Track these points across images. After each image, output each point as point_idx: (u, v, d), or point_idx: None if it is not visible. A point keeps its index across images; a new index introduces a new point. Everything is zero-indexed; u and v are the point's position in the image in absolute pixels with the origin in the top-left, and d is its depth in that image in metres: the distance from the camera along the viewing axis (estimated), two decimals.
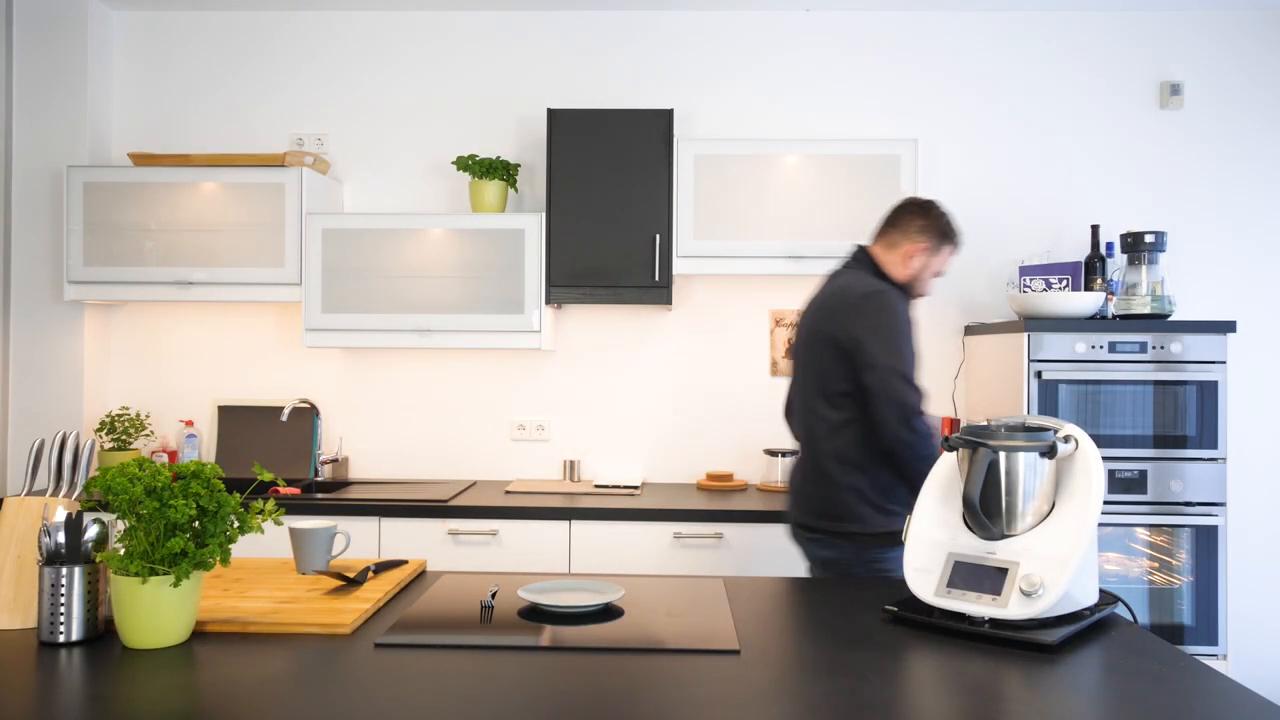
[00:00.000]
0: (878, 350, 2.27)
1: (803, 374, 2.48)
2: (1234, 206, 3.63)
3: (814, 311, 2.46)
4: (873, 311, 2.31)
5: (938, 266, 2.51)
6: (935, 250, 2.48)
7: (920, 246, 2.46)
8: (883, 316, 2.30)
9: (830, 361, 2.36)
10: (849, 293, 2.38)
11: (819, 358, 2.39)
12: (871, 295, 2.34)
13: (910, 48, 3.67)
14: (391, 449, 3.70)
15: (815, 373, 2.41)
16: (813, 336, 2.42)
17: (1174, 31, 3.64)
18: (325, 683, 1.38)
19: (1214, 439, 3.05)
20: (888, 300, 2.33)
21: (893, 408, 2.24)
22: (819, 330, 2.40)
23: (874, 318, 2.30)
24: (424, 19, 3.72)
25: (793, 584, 2.01)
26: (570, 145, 3.35)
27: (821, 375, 2.38)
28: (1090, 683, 1.43)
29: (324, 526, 1.94)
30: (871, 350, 2.27)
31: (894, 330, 2.29)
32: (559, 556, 3.06)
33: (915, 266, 2.47)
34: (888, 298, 2.34)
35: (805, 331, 2.48)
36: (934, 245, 2.48)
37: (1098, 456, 1.71)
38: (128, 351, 3.73)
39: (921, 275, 2.49)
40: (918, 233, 2.47)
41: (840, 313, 2.36)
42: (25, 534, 1.66)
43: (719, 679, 1.41)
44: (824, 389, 2.38)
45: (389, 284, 3.34)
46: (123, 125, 3.74)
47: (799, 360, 2.51)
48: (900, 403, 2.24)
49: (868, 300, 2.33)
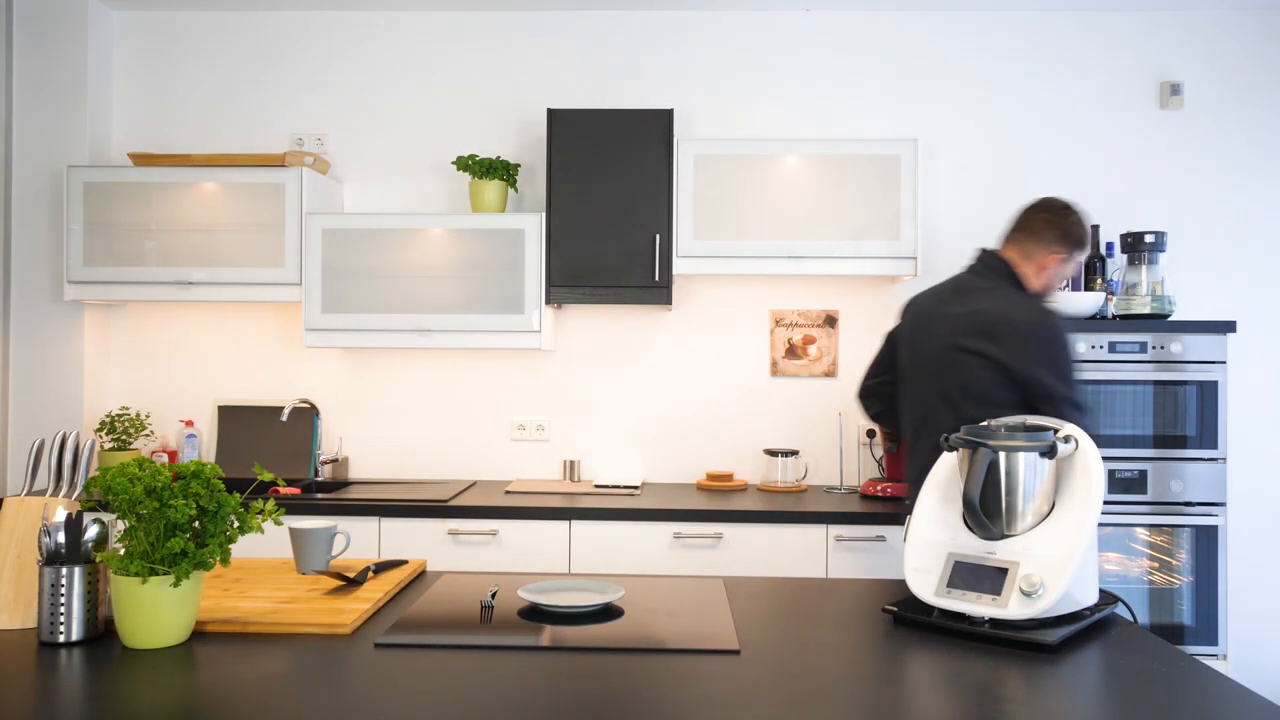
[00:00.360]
0: (1059, 385, 2.26)
1: (946, 397, 2.39)
2: (1234, 206, 3.63)
3: (964, 331, 2.37)
4: (1050, 343, 2.29)
5: (1068, 273, 2.48)
6: (1069, 259, 2.44)
7: (1057, 257, 2.42)
8: (1060, 348, 2.28)
9: (996, 390, 2.31)
10: (1018, 318, 2.32)
11: (980, 384, 2.32)
12: (1045, 324, 2.30)
13: (910, 48, 3.67)
14: (391, 449, 3.70)
15: (970, 398, 2.34)
16: (965, 357, 2.34)
17: (1174, 31, 3.64)
18: (325, 683, 1.38)
19: (1214, 439, 3.05)
20: (1058, 328, 2.30)
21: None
22: (979, 353, 2.32)
23: (1052, 350, 2.28)
24: (424, 19, 3.72)
25: (793, 584, 2.01)
26: (570, 145, 3.35)
27: (981, 401, 2.32)
28: (1090, 683, 1.43)
29: (324, 526, 1.94)
30: (1052, 385, 2.26)
31: (1068, 359, 2.29)
32: (559, 556, 3.06)
33: (1049, 276, 2.44)
34: (1057, 325, 2.31)
35: (949, 352, 2.38)
36: (1069, 255, 2.43)
37: (1098, 456, 1.71)
38: (128, 351, 3.73)
39: (1052, 284, 2.46)
40: (1054, 242, 2.42)
41: (1010, 340, 2.30)
42: (25, 534, 1.66)
43: (719, 679, 1.41)
44: (983, 415, 2.28)
45: (389, 284, 3.34)
46: (123, 125, 3.74)
47: (934, 381, 2.42)
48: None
49: (1044, 331, 2.30)
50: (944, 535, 1.76)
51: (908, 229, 3.29)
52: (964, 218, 3.65)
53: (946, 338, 2.41)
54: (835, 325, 3.65)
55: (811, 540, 3.03)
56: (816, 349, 3.65)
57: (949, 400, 2.39)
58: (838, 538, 3.03)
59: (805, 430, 3.65)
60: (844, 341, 3.66)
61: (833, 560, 3.04)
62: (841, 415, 3.63)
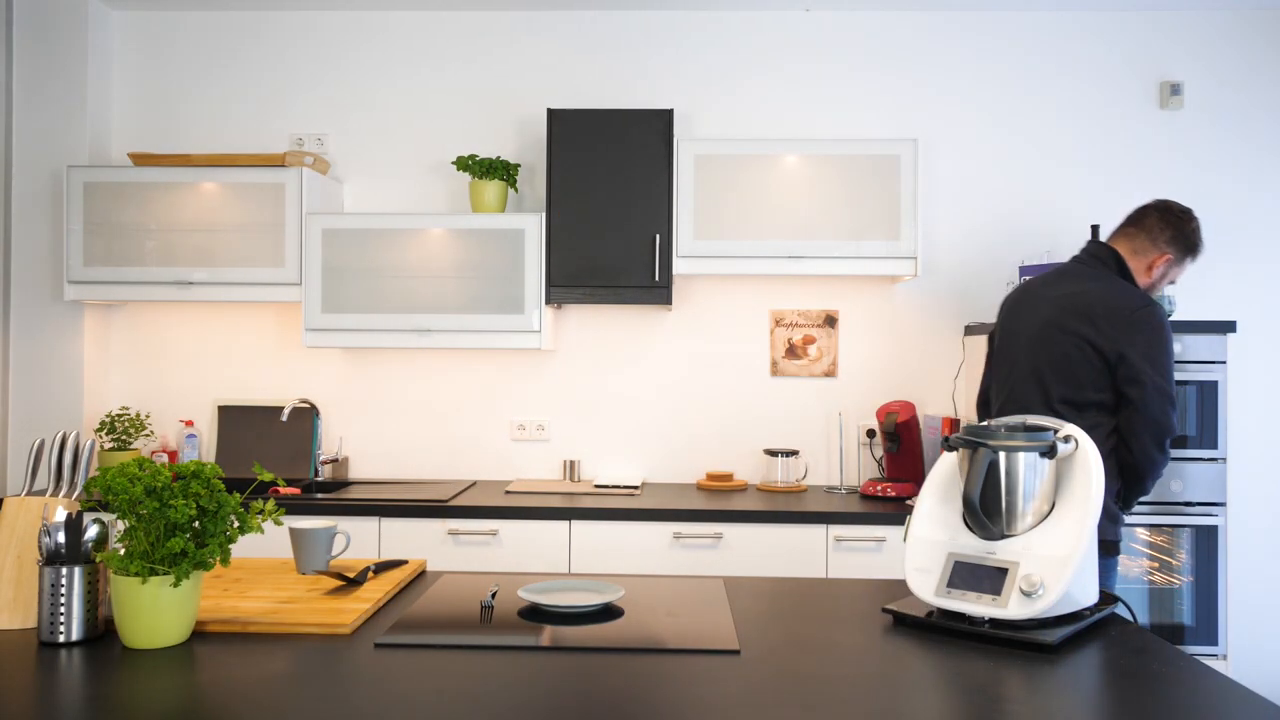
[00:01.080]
0: (1148, 368, 2.26)
1: (1037, 372, 2.40)
2: (1234, 206, 3.63)
3: (1066, 311, 2.38)
4: (1146, 328, 2.28)
5: (1175, 276, 2.50)
6: (1179, 262, 2.47)
7: (1167, 258, 2.45)
8: (1156, 334, 2.28)
9: (1086, 369, 2.32)
10: (1117, 302, 2.33)
11: (1068, 361, 2.34)
12: (1144, 310, 2.30)
13: (910, 48, 3.67)
14: (391, 449, 3.70)
15: (1059, 375, 2.35)
16: (1061, 336, 2.36)
17: (1174, 31, 3.64)
18: (325, 683, 1.38)
19: (1214, 439, 3.05)
20: (1159, 316, 2.30)
21: (1152, 428, 2.26)
22: (1074, 332, 2.34)
23: (1148, 334, 2.28)
24: (424, 19, 3.72)
25: (793, 584, 2.01)
26: (570, 145, 3.35)
27: (1070, 380, 2.34)
28: (1090, 683, 1.43)
29: (324, 526, 1.94)
30: (1141, 367, 2.26)
31: (1164, 349, 2.29)
32: (559, 556, 3.06)
33: (1156, 276, 2.46)
34: (1159, 313, 2.31)
35: (1051, 330, 2.39)
36: (1179, 258, 2.46)
37: (1098, 456, 1.71)
38: (128, 351, 3.73)
39: (1159, 284, 2.48)
40: (1167, 243, 2.44)
41: (1107, 321, 2.30)
42: (25, 534, 1.66)
43: (719, 679, 1.41)
44: (1070, 394, 2.33)
45: (389, 284, 3.34)
46: (123, 125, 3.74)
47: (1027, 356, 2.43)
48: (1160, 424, 2.26)
49: (1141, 315, 2.29)
50: (944, 535, 1.76)
51: (908, 229, 3.29)
52: (964, 217, 3.65)
53: (1044, 316, 2.42)
54: (835, 325, 3.65)
55: (811, 540, 3.03)
56: (816, 349, 3.66)
57: (1039, 377, 2.40)
58: (837, 538, 3.03)
59: (805, 430, 3.65)
60: (844, 341, 3.66)
61: (833, 560, 3.04)
62: (841, 415, 3.63)
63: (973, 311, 3.64)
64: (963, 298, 3.64)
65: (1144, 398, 2.25)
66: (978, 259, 3.64)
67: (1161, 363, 2.27)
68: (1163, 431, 2.27)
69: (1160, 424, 2.26)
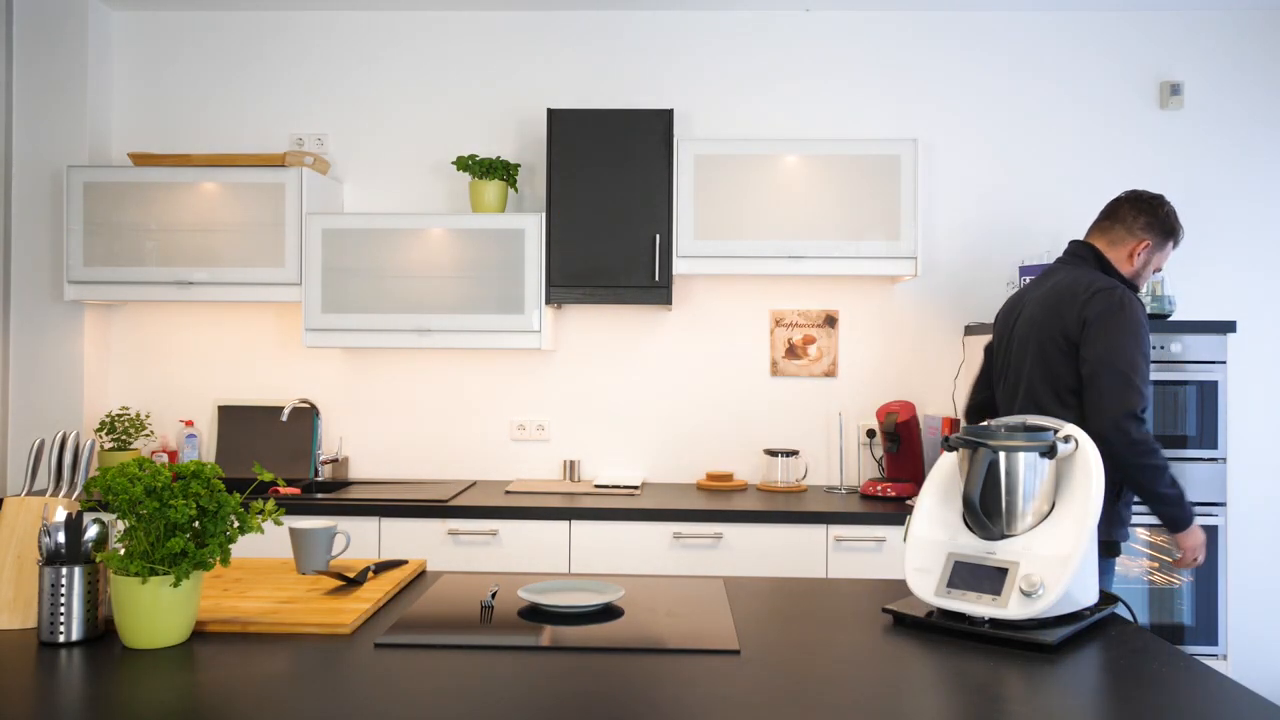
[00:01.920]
0: (1099, 341, 2.23)
1: (1029, 372, 2.41)
2: (1234, 206, 3.63)
3: (1039, 307, 2.42)
4: (1104, 306, 2.27)
5: (1159, 263, 2.49)
6: (1159, 247, 2.47)
7: (1145, 244, 2.45)
8: (1115, 313, 2.25)
9: (1061, 357, 2.32)
10: (1078, 287, 2.34)
11: (1048, 354, 2.35)
12: (1104, 290, 2.30)
13: (910, 48, 3.67)
14: (391, 449, 3.70)
15: (1045, 371, 2.36)
16: (1041, 333, 2.38)
17: (1174, 31, 3.64)
18: (325, 683, 1.38)
19: (1214, 439, 3.05)
20: (1122, 297, 2.28)
21: (1108, 400, 2.19)
22: (1048, 327, 2.35)
23: (1104, 309, 2.26)
24: (424, 19, 3.72)
25: (793, 584, 2.01)
26: (570, 145, 3.35)
27: (1051, 373, 2.35)
28: (1090, 683, 1.43)
29: (324, 526, 1.94)
30: (1093, 341, 2.24)
31: (1122, 324, 2.24)
32: (559, 556, 3.06)
33: (1139, 264, 2.46)
34: (1122, 294, 2.29)
35: (1029, 328, 2.43)
36: (1158, 242, 2.46)
37: (1098, 456, 1.71)
38: (128, 351, 3.73)
39: (1143, 272, 2.48)
40: (1143, 229, 2.45)
41: (1069, 306, 2.32)
42: (25, 534, 1.66)
43: (719, 679, 1.41)
44: (1055, 386, 2.34)
45: (389, 284, 3.34)
46: (123, 125, 3.74)
47: (1020, 358, 2.45)
48: (1115, 399, 2.18)
49: (1101, 295, 2.29)
50: (944, 535, 1.76)
51: (908, 229, 3.29)
52: (964, 217, 3.65)
53: (1026, 316, 2.45)
54: (835, 325, 3.65)
55: (811, 540, 3.03)
56: (816, 349, 3.65)
57: (1026, 379, 2.41)
58: (838, 538, 3.03)
59: (805, 430, 3.65)
60: (844, 341, 3.66)
61: (833, 560, 3.04)
62: (841, 415, 3.63)
63: (973, 311, 3.64)
64: (963, 298, 3.64)
65: (1092, 372, 2.22)
66: (978, 259, 3.64)
67: (1116, 338, 2.22)
68: (1120, 408, 2.17)
69: (1116, 399, 2.18)
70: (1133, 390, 2.19)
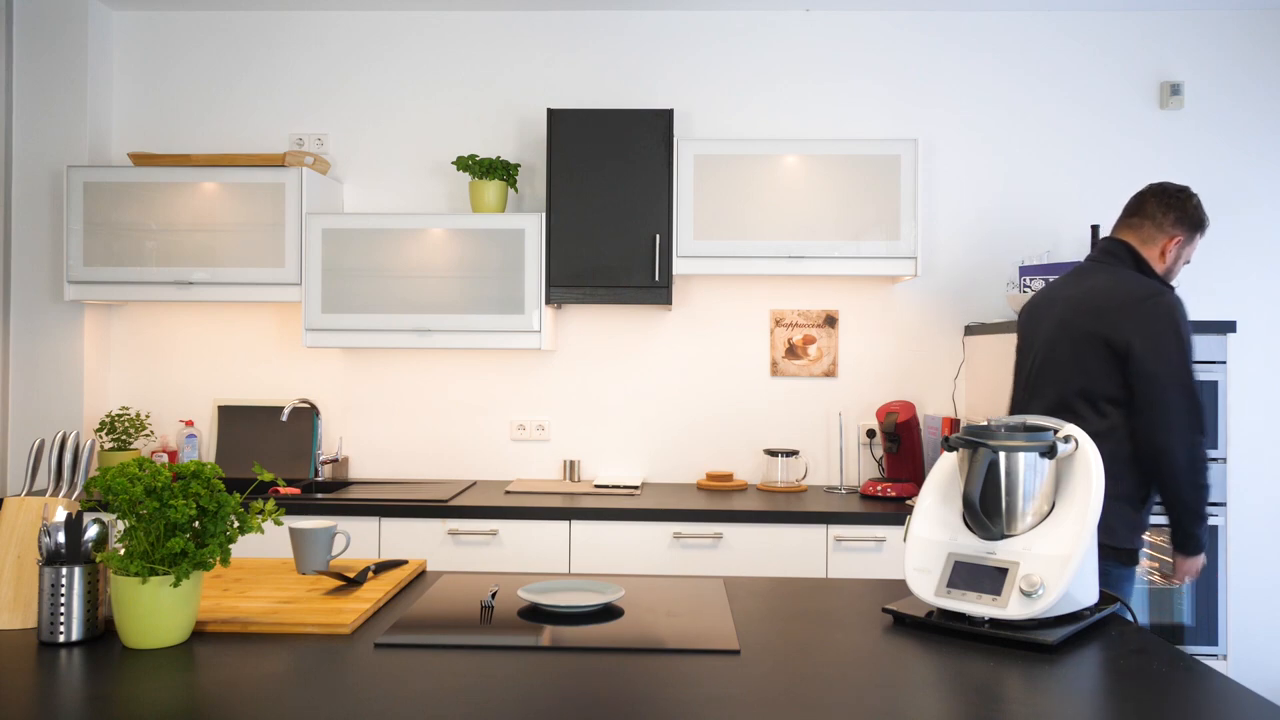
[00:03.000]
0: (1158, 360, 2.19)
1: (1062, 377, 2.35)
2: (1234, 206, 3.62)
3: (1074, 310, 2.35)
4: (1153, 318, 2.23)
5: (1189, 255, 2.46)
6: (1189, 241, 2.43)
7: (1177, 240, 2.41)
8: (1163, 323, 2.22)
9: (1099, 364, 2.27)
10: (1124, 293, 2.29)
11: (1085, 359, 2.29)
12: (1151, 300, 2.25)
13: (910, 48, 3.67)
14: (391, 449, 3.70)
15: (1079, 374, 2.30)
16: (1078, 338, 2.32)
17: (1174, 31, 3.64)
18: (325, 683, 1.38)
19: (1214, 439, 3.05)
20: (1169, 302, 2.25)
21: (1176, 418, 2.17)
22: (1087, 331, 2.30)
23: (1154, 324, 2.22)
24: (424, 19, 3.72)
25: (793, 584, 2.01)
26: (570, 145, 3.35)
27: (1087, 377, 2.29)
28: (1090, 683, 1.43)
29: (324, 526, 1.94)
30: (1145, 359, 2.20)
31: (1175, 337, 2.21)
32: (559, 556, 3.06)
33: (1171, 260, 2.43)
34: (1168, 299, 2.26)
35: (1060, 330, 2.36)
36: (1189, 236, 2.42)
37: (1098, 456, 1.71)
38: (128, 351, 3.73)
39: (1175, 267, 2.45)
40: (1173, 225, 2.41)
41: (1116, 314, 2.26)
42: (25, 534, 1.66)
43: (719, 679, 1.41)
44: (1089, 392, 2.28)
45: (389, 284, 3.34)
46: (123, 125, 3.74)
47: (1049, 361, 2.38)
48: (1184, 418, 2.17)
49: (1148, 305, 2.25)
50: (944, 535, 1.76)
51: (908, 229, 3.29)
52: (964, 217, 3.65)
53: (1057, 316, 2.38)
54: (835, 325, 3.65)
55: (811, 540, 3.03)
56: (816, 349, 3.66)
57: (1055, 379, 2.35)
58: (837, 538, 3.03)
59: (805, 430, 3.65)
60: (844, 341, 3.66)
61: (833, 560, 3.04)
62: (841, 415, 3.63)
63: (973, 311, 3.64)
64: (963, 298, 3.64)
65: (1159, 398, 2.18)
66: (978, 259, 3.64)
67: (1168, 352, 2.20)
68: (1187, 426, 2.17)
69: (1181, 420, 2.17)
70: (1197, 408, 2.19)
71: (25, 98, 3.53)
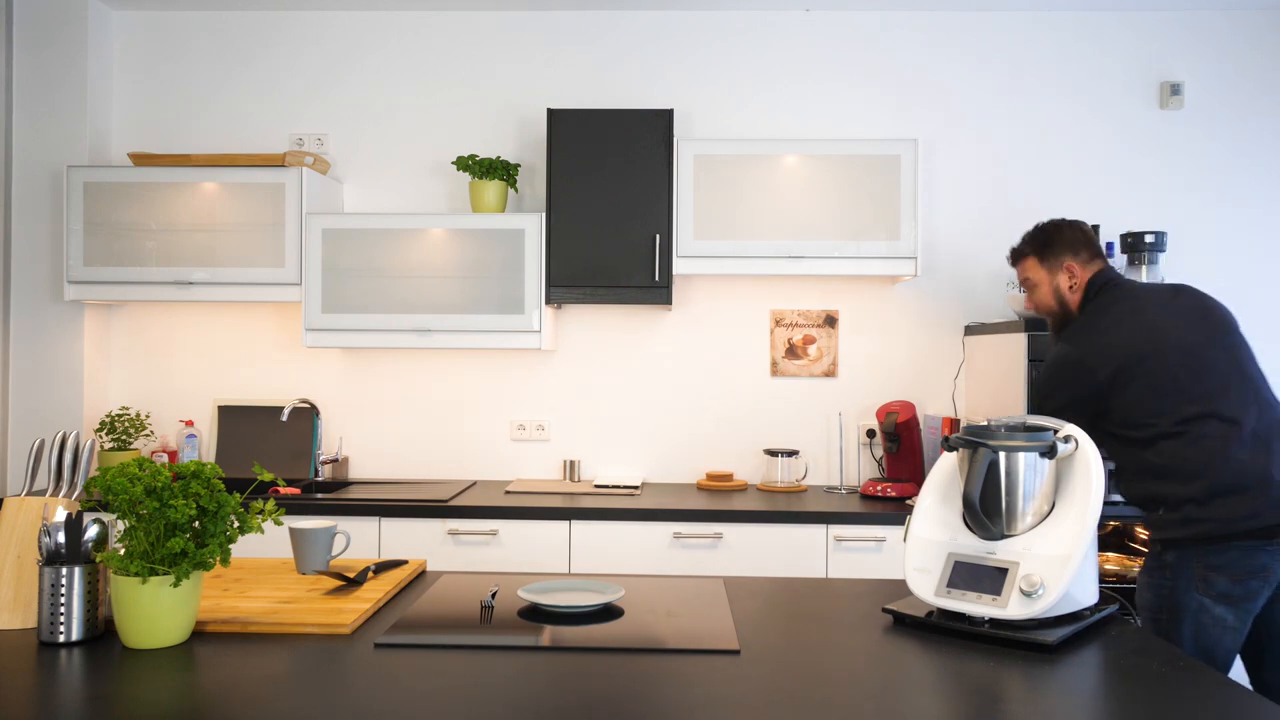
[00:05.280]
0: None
1: (1243, 371, 2.20)
2: (1234, 206, 3.63)
3: (1187, 317, 2.24)
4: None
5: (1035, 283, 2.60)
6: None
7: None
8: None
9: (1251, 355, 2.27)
10: (1205, 295, 2.33)
11: (1246, 348, 2.25)
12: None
13: (910, 48, 3.67)
14: (391, 449, 3.70)
15: (1255, 368, 2.24)
16: (1226, 335, 2.23)
17: (1174, 31, 3.64)
18: (325, 683, 1.38)
19: None
20: None
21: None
22: (1231, 329, 2.26)
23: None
24: (424, 19, 3.72)
25: (793, 584, 2.01)
26: (570, 145, 3.35)
27: (1258, 370, 2.25)
28: (1090, 683, 1.43)
29: (324, 526, 1.95)
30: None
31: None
32: (559, 556, 3.06)
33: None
34: None
35: (1212, 332, 2.23)
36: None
37: (1098, 456, 1.71)
38: (128, 351, 3.73)
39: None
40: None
41: (1222, 310, 2.29)
42: (25, 534, 1.66)
43: (719, 679, 1.41)
44: (1260, 381, 2.23)
45: (389, 284, 3.34)
46: (123, 125, 3.74)
47: (1208, 364, 2.18)
48: None
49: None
50: (944, 535, 1.76)
51: (908, 229, 3.29)
52: (964, 218, 3.65)
53: (1170, 329, 2.23)
54: (835, 325, 3.65)
55: (811, 540, 3.03)
56: (816, 349, 3.66)
57: (1245, 378, 2.21)
58: (837, 538, 3.03)
59: (805, 430, 3.65)
60: (844, 341, 3.66)
61: (833, 560, 3.04)
62: (841, 415, 3.63)
63: (973, 311, 3.64)
64: (963, 298, 3.64)
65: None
66: (978, 259, 3.64)
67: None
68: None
69: None
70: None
71: (25, 98, 3.53)
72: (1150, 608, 2.16)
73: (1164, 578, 2.12)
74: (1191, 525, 2.09)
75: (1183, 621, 2.08)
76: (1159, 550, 2.15)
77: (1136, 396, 2.18)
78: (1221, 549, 2.06)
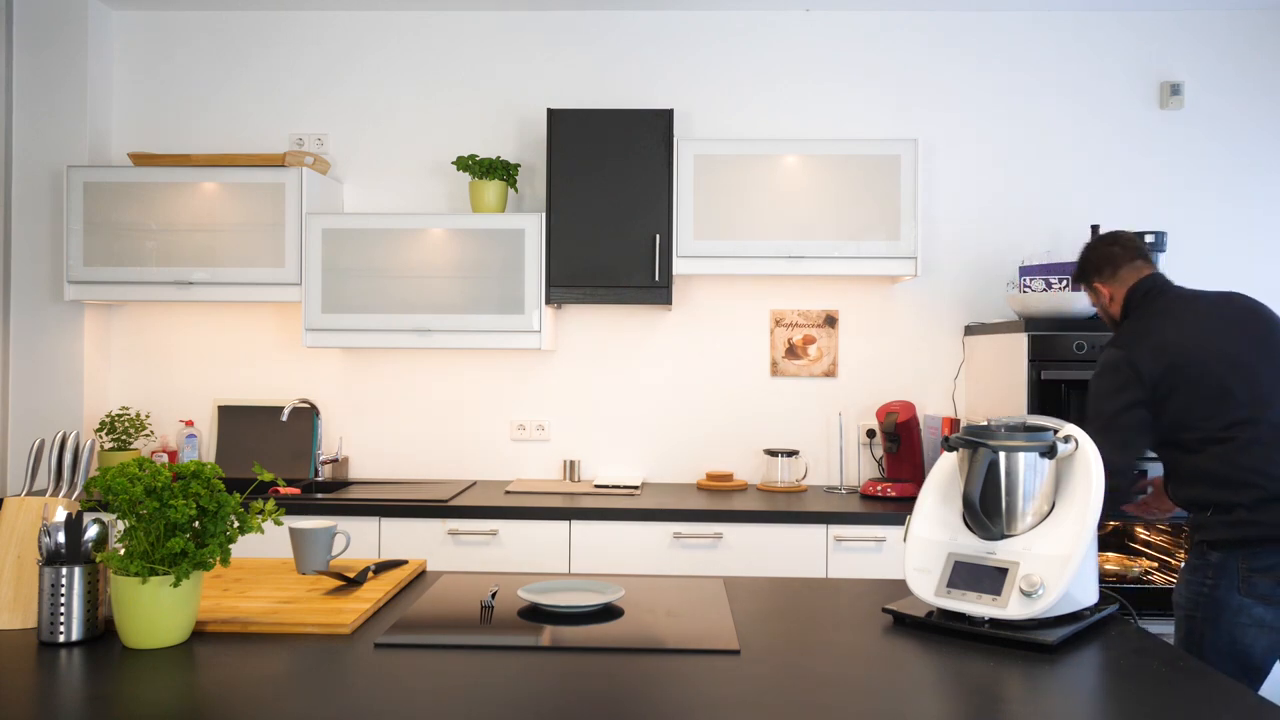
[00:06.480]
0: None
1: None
2: (1234, 206, 3.63)
3: (1234, 324, 2.25)
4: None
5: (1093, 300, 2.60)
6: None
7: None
8: None
9: None
10: (1251, 299, 2.33)
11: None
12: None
13: (910, 48, 3.67)
14: (391, 449, 3.70)
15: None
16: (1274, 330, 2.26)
17: (1174, 31, 3.64)
18: (325, 683, 1.38)
19: None
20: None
21: None
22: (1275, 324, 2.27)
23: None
24: (424, 19, 3.72)
25: (793, 584, 2.01)
26: (570, 145, 3.35)
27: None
28: (1090, 683, 1.43)
29: (324, 526, 1.95)
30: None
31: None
32: (559, 556, 3.06)
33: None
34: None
35: (1263, 338, 2.24)
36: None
37: (1098, 456, 1.71)
38: (128, 351, 3.73)
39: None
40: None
41: (1268, 313, 2.30)
42: (25, 534, 1.66)
43: (719, 679, 1.41)
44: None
45: (389, 284, 3.34)
46: (123, 125, 3.74)
47: (1276, 362, 2.21)
48: None
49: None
50: (944, 535, 1.76)
51: (908, 229, 3.29)
52: (964, 217, 3.65)
53: (1221, 340, 2.23)
54: (835, 325, 3.65)
55: (811, 540, 3.03)
56: (816, 349, 3.66)
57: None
58: (837, 538, 3.03)
59: (805, 430, 3.65)
60: (844, 341, 3.66)
61: (833, 560, 3.04)
62: (841, 415, 3.63)
63: (973, 312, 3.64)
64: (963, 298, 3.64)
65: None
66: (978, 259, 3.64)
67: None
68: None
69: None
70: None
71: (25, 98, 3.53)
72: (1186, 605, 2.18)
73: (1206, 576, 2.14)
74: (1240, 528, 2.11)
75: (1219, 620, 2.10)
76: (1204, 549, 2.17)
77: (1185, 401, 2.19)
78: (1268, 552, 2.09)
